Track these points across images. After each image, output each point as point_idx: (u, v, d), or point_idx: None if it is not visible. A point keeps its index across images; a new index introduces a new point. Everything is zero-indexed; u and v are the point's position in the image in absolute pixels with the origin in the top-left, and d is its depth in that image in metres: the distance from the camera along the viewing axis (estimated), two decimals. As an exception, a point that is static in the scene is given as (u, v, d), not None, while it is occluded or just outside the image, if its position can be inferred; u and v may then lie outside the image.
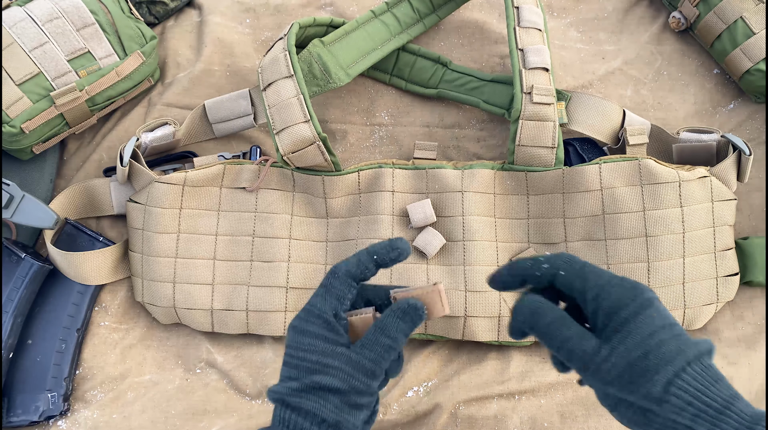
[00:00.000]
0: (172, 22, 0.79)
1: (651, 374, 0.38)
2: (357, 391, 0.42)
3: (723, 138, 0.65)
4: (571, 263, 0.42)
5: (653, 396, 0.38)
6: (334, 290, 0.44)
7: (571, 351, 0.40)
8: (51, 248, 0.65)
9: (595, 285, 0.41)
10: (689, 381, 0.37)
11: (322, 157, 0.63)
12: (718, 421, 0.36)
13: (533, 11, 0.66)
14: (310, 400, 0.41)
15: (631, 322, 0.39)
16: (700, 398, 0.37)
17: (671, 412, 0.37)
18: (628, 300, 0.40)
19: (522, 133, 0.63)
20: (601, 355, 0.39)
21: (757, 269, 0.64)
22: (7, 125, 0.64)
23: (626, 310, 0.39)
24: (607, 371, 0.39)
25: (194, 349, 0.67)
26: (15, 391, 0.63)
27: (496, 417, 0.63)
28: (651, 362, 0.38)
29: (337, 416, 0.41)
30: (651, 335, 0.38)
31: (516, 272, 0.43)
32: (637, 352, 0.38)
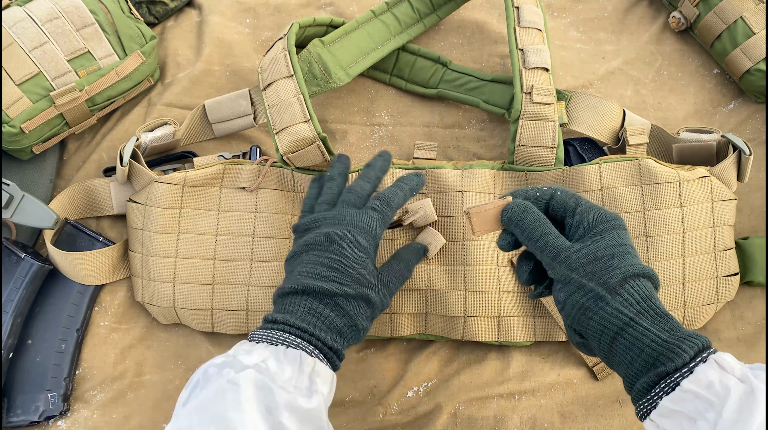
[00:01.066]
0: (172, 22, 0.79)
1: (612, 268, 0.44)
2: (383, 307, 0.52)
3: (723, 138, 0.65)
4: (566, 189, 0.50)
5: (610, 285, 0.44)
6: (387, 218, 0.54)
7: (547, 243, 0.47)
8: (51, 248, 0.65)
9: (584, 204, 0.48)
10: (642, 285, 0.44)
11: (322, 157, 0.63)
12: (658, 320, 0.43)
13: (533, 11, 0.66)
14: (355, 307, 0.50)
15: (607, 232, 0.46)
16: (647, 301, 0.44)
17: (620, 303, 0.43)
18: (610, 219, 0.47)
19: (522, 133, 0.63)
20: (573, 248, 0.46)
21: (757, 269, 0.64)
22: (7, 125, 0.64)
23: (606, 224, 0.46)
24: (576, 259, 0.45)
25: (194, 349, 0.67)
26: (15, 391, 0.63)
27: (496, 417, 0.63)
28: (615, 261, 0.45)
29: (365, 324, 0.51)
30: (620, 245, 0.45)
31: (518, 194, 0.50)
32: (606, 251, 0.45)
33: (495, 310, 0.62)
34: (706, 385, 0.39)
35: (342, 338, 0.49)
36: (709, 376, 0.40)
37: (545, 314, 0.63)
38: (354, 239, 0.51)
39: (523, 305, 0.63)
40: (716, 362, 0.40)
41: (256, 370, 0.43)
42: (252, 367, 0.43)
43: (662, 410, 0.41)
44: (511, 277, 0.63)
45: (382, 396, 0.64)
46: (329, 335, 0.48)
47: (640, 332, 0.42)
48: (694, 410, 0.40)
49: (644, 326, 0.42)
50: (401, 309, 0.63)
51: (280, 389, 0.42)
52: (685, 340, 0.41)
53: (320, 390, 0.45)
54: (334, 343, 0.48)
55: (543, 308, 0.63)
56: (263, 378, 0.42)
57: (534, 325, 0.63)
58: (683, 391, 0.40)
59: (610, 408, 0.63)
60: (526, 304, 0.63)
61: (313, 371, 0.45)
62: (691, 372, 0.40)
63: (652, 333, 0.42)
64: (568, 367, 0.64)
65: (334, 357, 0.48)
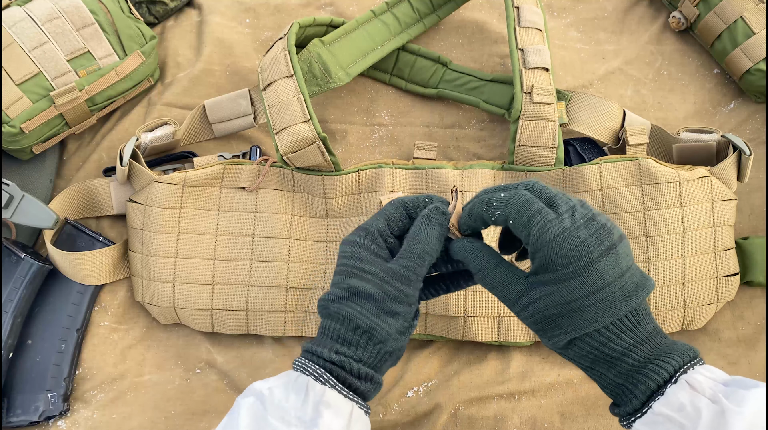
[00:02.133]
0: (172, 22, 0.79)
1: (558, 331, 0.42)
2: (392, 297, 0.44)
3: (723, 138, 0.65)
4: (522, 213, 0.42)
5: (558, 346, 0.43)
6: (385, 211, 0.48)
7: (496, 293, 0.44)
8: (51, 248, 0.65)
9: (537, 240, 0.41)
10: (593, 340, 0.42)
11: (322, 157, 0.63)
12: (612, 365, 0.42)
13: (533, 11, 0.66)
14: (347, 305, 0.44)
15: (559, 284, 0.41)
16: (600, 349, 0.42)
17: (574, 355, 0.43)
18: (561, 266, 0.41)
19: (522, 133, 0.63)
20: (520, 303, 0.43)
21: (757, 269, 0.64)
22: (7, 125, 0.64)
23: (558, 273, 0.41)
24: (525, 318, 0.43)
25: (194, 349, 0.67)
26: (15, 391, 0.63)
27: (496, 417, 0.63)
28: (564, 321, 0.42)
29: (371, 322, 0.43)
30: (569, 302, 0.41)
31: (475, 216, 0.45)
32: (553, 310, 0.42)
33: (495, 310, 0.62)
34: (678, 407, 0.39)
35: (353, 347, 0.43)
36: (680, 397, 0.39)
37: (545, 314, 0.63)
38: (346, 238, 0.48)
39: (523, 305, 0.63)
40: (687, 382, 0.39)
41: (257, 397, 0.41)
42: (255, 394, 0.41)
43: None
44: (511, 277, 0.63)
45: (382, 396, 0.64)
46: (329, 347, 0.44)
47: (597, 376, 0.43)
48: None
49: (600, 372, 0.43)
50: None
51: (278, 419, 0.40)
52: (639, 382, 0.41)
53: (327, 423, 0.40)
54: (334, 355, 0.43)
55: (543, 308, 0.63)
56: (260, 407, 0.41)
57: (534, 325, 0.63)
58: (655, 414, 0.40)
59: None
60: (526, 304, 0.63)
61: (322, 400, 0.41)
62: (663, 394, 0.40)
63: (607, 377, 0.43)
64: (568, 367, 0.64)
65: (346, 376, 0.43)
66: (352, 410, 0.42)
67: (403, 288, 0.44)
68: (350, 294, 0.44)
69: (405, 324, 0.45)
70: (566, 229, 0.41)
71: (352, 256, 0.46)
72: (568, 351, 0.43)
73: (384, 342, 0.44)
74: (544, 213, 0.41)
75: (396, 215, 0.48)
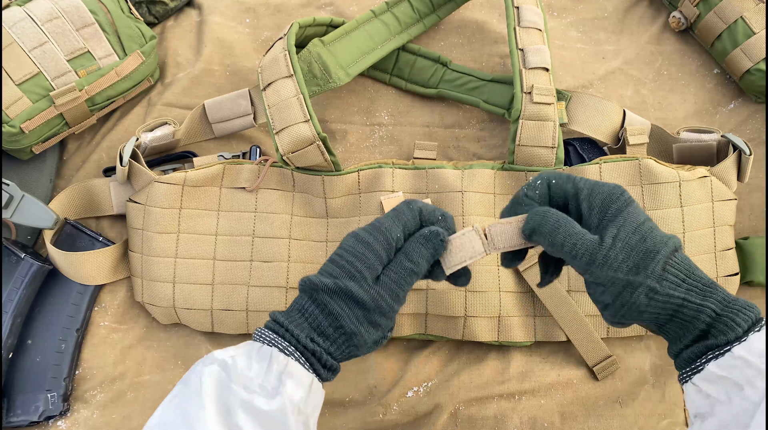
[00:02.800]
0: (172, 21, 0.79)
1: (652, 253, 0.42)
2: (380, 311, 0.45)
3: (723, 138, 0.65)
4: (558, 173, 0.47)
5: (656, 273, 0.42)
6: (403, 217, 0.47)
7: (576, 245, 0.43)
8: (51, 248, 0.65)
9: (584, 185, 0.45)
10: (680, 262, 0.43)
11: (322, 157, 0.63)
12: (707, 293, 0.42)
13: (533, 11, 0.66)
14: (337, 304, 0.44)
15: (623, 211, 0.43)
16: (691, 275, 0.42)
17: (669, 288, 0.42)
18: (615, 196, 0.44)
19: (522, 133, 0.63)
20: (605, 244, 0.43)
21: (757, 269, 0.64)
22: (7, 125, 0.64)
23: (617, 203, 0.44)
24: (614, 257, 0.42)
25: (194, 349, 0.67)
26: (15, 391, 0.63)
27: (496, 417, 0.63)
28: (649, 244, 0.42)
29: (355, 328, 0.44)
30: (642, 223, 0.43)
31: (518, 200, 0.47)
32: (636, 237, 0.42)
33: (495, 310, 0.62)
34: (759, 353, 0.39)
35: (328, 341, 0.45)
36: (763, 345, 0.39)
37: (545, 314, 0.63)
38: (358, 233, 0.47)
39: (523, 305, 0.63)
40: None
41: (221, 366, 0.42)
42: (217, 362, 0.42)
43: (708, 374, 0.41)
44: (511, 277, 0.63)
45: (382, 396, 0.64)
46: (306, 332, 0.44)
47: (693, 310, 0.42)
48: (743, 377, 0.39)
49: (697, 303, 0.42)
50: (401, 309, 0.63)
51: (241, 387, 0.41)
52: (739, 313, 0.41)
53: (289, 392, 0.42)
54: (309, 342, 0.44)
55: (543, 308, 0.63)
56: (224, 375, 0.41)
57: (534, 325, 0.63)
58: (734, 357, 0.40)
59: (610, 408, 0.63)
60: (526, 304, 0.63)
61: (285, 370, 0.42)
62: (744, 340, 0.40)
63: (706, 308, 0.41)
64: (568, 367, 0.64)
65: (314, 361, 0.44)
66: (312, 381, 0.44)
67: (392, 304, 0.46)
68: (344, 294, 0.44)
69: (382, 336, 0.47)
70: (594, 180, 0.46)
71: (360, 257, 0.45)
72: (662, 284, 0.42)
73: (358, 347, 0.46)
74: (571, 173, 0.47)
75: (412, 221, 0.48)
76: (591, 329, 0.63)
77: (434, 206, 0.49)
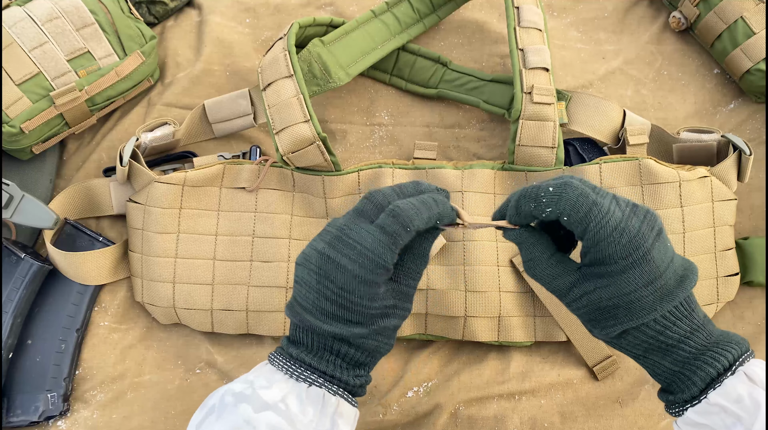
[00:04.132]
0: (172, 22, 0.79)
1: (612, 322, 0.41)
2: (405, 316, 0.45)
3: (723, 138, 0.65)
4: (577, 209, 0.39)
5: (611, 337, 0.42)
6: (399, 243, 0.40)
7: (546, 285, 0.43)
8: (51, 248, 0.65)
9: (594, 235, 0.39)
10: (648, 329, 0.41)
11: (322, 157, 0.63)
12: (667, 353, 0.41)
13: (533, 11, 0.66)
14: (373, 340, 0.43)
15: (615, 276, 0.40)
16: (656, 338, 0.41)
17: (626, 346, 0.42)
18: (620, 258, 0.39)
19: (522, 133, 0.63)
20: (572, 294, 0.42)
21: (757, 269, 0.64)
22: (7, 125, 0.64)
23: (615, 266, 0.39)
24: (576, 308, 0.42)
25: (194, 349, 0.67)
26: (15, 391, 0.63)
27: (496, 417, 0.63)
28: (619, 312, 0.40)
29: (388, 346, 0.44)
30: (628, 294, 0.40)
31: (523, 215, 0.42)
32: (609, 303, 0.40)
33: (495, 310, 0.62)
34: (735, 399, 0.38)
35: (365, 369, 0.45)
36: (738, 389, 0.38)
37: (545, 314, 0.63)
38: (357, 273, 0.40)
39: (523, 305, 0.63)
40: (745, 374, 0.39)
41: (275, 412, 0.40)
42: (271, 408, 0.40)
43: (688, 420, 0.40)
44: (511, 277, 0.63)
45: (382, 396, 0.64)
46: (350, 373, 0.43)
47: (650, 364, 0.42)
48: (721, 424, 0.38)
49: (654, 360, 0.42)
50: (401, 309, 0.63)
51: None
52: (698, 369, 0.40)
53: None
54: (356, 380, 0.44)
55: (543, 308, 0.63)
56: (282, 422, 0.39)
57: (534, 325, 0.63)
58: (710, 404, 0.39)
59: (610, 408, 0.63)
60: (526, 304, 0.63)
61: (336, 412, 0.42)
62: (720, 385, 0.39)
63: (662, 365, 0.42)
64: (568, 367, 0.64)
65: (359, 390, 0.45)
66: (355, 414, 0.44)
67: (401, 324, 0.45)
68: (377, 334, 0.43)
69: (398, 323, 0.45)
70: (621, 220, 0.39)
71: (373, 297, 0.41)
72: (621, 341, 0.42)
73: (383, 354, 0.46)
74: (599, 206, 0.39)
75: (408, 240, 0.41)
76: (591, 329, 0.63)
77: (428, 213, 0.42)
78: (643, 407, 0.63)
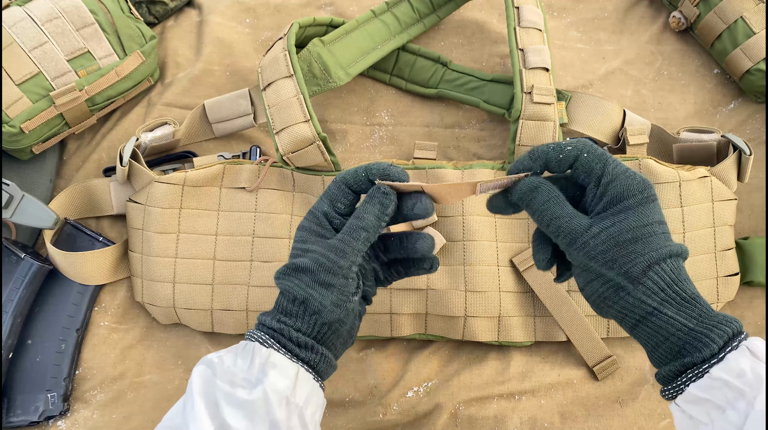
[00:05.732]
0: (172, 22, 0.79)
1: (635, 256, 0.41)
2: (325, 268, 0.45)
3: (723, 138, 0.65)
4: (594, 148, 0.44)
5: (631, 275, 0.41)
6: (328, 192, 0.48)
7: (560, 227, 0.43)
8: (51, 248, 0.65)
9: (612, 170, 0.43)
10: (666, 271, 0.41)
11: (322, 157, 0.63)
12: (685, 306, 0.41)
13: (533, 11, 0.66)
14: (287, 280, 0.46)
15: (632, 209, 0.42)
16: (672, 286, 0.41)
17: (642, 293, 0.41)
18: (637, 191, 0.42)
19: (522, 133, 0.63)
20: (591, 231, 0.42)
21: (757, 269, 0.64)
22: (7, 125, 0.64)
23: (633, 199, 0.42)
24: (594, 246, 0.41)
25: (194, 349, 0.67)
26: (14, 391, 0.63)
27: (496, 417, 0.63)
28: (638, 246, 0.41)
29: (305, 293, 0.45)
30: (645, 226, 0.41)
31: (538, 155, 0.45)
32: (628, 235, 0.41)
33: (495, 310, 0.62)
34: (738, 373, 0.38)
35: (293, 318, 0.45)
36: (740, 364, 0.38)
37: (545, 314, 0.63)
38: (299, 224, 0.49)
39: (523, 305, 0.63)
40: (748, 348, 0.39)
41: (207, 365, 0.43)
42: (205, 362, 0.44)
43: (689, 396, 0.40)
44: (511, 277, 0.63)
45: (382, 396, 0.64)
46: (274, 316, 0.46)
47: (664, 321, 0.40)
48: (724, 398, 0.38)
49: (668, 315, 0.40)
50: (401, 309, 0.63)
51: (226, 383, 0.42)
52: (714, 328, 0.39)
53: (272, 381, 0.42)
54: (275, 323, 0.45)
55: (543, 308, 0.63)
56: (210, 372, 0.43)
57: (534, 325, 0.63)
58: (712, 379, 0.38)
59: (610, 408, 0.63)
60: (526, 304, 0.63)
61: (267, 362, 0.43)
62: (722, 360, 0.39)
63: (677, 322, 0.40)
64: (568, 367, 0.64)
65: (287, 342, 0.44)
66: (297, 372, 0.44)
67: (336, 259, 0.45)
68: (290, 270, 0.46)
69: (342, 298, 0.46)
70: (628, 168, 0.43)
71: (299, 239, 0.48)
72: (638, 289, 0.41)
73: (319, 313, 0.45)
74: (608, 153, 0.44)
75: (339, 193, 0.48)
76: (591, 329, 0.63)
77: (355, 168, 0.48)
78: (643, 407, 0.63)
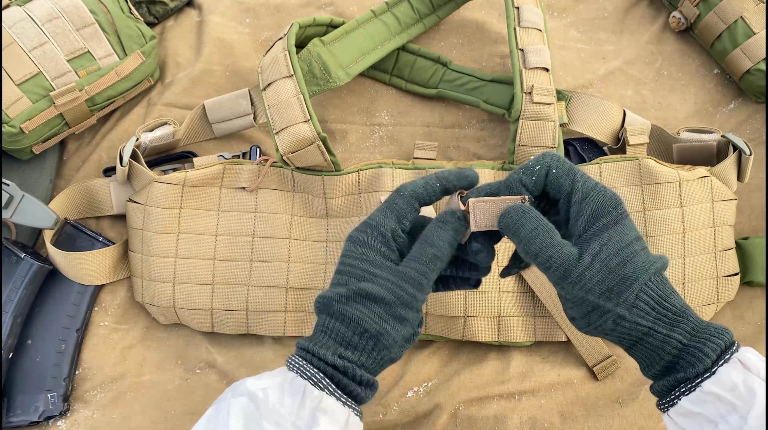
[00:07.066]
0: (172, 22, 0.79)
1: (629, 281, 0.40)
2: (402, 302, 0.42)
3: (723, 138, 0.65)
4: (561, 162, 0.43)
5: (628, 302, 0.40)
6: (395, 207, 0.45)
7: (551, 258, 0.41)
8: (51, 248, 0.65)
9: (582, 187, 0.42)
10: (653, 288, 0.40)
11: (322, 157, 0.63)
12: (677, 321, 0.40)
13: (533, 11, 0.66)
14: (354, 308, 0.41)
15: (611, 229, 0.41)
16: (662, 304, 0.41)
17: (637, 316, 0.40)
18: (611, 208, 0.41)
19: (522, 133, 0.63)
20: (583, 262, 0.40)
21: (757, 269, 0.64)
22: (7, 125, 0.64)
23: (608, 217, 0.41)
24: (589, 278, 0.40)
25: (194, 349, 0.67)
26: (15, 391, 0.63)
27: (496, 417, 0.63)
28: (628, 269, 0.40)
29: (379, 327, 0.41)
30: (627, 246, 0.41)
31: (512, 184, 0.44)
32: (616, 259, 0.40)
33: (495, 310, 0.62)
34: (730, 387, 0.38)
35: (357, 352, 0.41)
36: (732, 377, 0.38)
37: (545, 314, 0.63)
38: (353, 235, 0.45)
39: (523, 305, 0.63)
40: (740, 361, 0.39)
41: (250, 399, 0.39)
42: (248, 394, 0.39)
43: (681, 409, 0.40)
44: (511, 277, 0.63)
45: (382, 396, 0.64)
46: (332, 350, 0.41)
47: (659, 340, 0.40)
48: (716, 412, 0.38)
49: (663, 334, 0.40)
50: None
51: (272, 425, 0.38)
52: (708, 341, 0.39)
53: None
54: (338, 360, 0.41)
55: (543, 308, 0.63)
56: (254, 410, 0.39)
57: (534, 325, 0.63)
58: (704, 393, 0.38)
59: (610, 408, 0.63)
60: (526, 304, 0.63)
61: (318, 407, 0.39)
62: (714, 373, 0.38)
63: (672, 339, 0.40)
64: (568, 367, 0.64)
65: (348, 382, 0.41)
66: (348, 417, 0.41)
67: (415, 293, 0.42)
68: (359, 296, 0.42)
69: (411, 331, 0.43)
70: (596, 182, 0.43)
71: (361, 257, 0.43)
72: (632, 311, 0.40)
73: (389, 349, 0.42)
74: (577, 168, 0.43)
75: (407, 209, 0.45)
76: (591, 329, 0.63)
77: (425, 181, 0.45)
78: (643, 407, 0.63)
